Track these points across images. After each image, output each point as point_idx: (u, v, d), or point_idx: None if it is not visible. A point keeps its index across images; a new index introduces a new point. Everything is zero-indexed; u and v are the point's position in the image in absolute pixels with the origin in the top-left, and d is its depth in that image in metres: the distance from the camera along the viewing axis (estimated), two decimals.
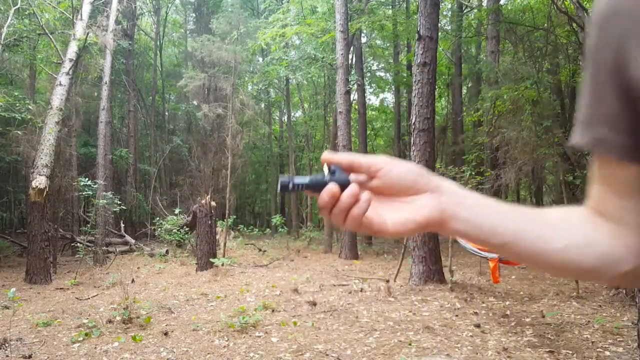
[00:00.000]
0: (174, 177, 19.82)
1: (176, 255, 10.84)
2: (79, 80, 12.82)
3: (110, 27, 11.29)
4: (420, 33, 6.14)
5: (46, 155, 8.00)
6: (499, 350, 3.62)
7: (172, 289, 6.87)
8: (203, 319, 4.88)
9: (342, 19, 10.34)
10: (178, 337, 4.26)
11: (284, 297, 5.87)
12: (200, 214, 8.77)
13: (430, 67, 6.20)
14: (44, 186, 7.83)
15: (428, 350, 3.66)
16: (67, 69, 8.67)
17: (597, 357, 3.44)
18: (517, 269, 7.59)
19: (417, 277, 6.32)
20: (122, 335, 4.33)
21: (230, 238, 12.30)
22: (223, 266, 8.20)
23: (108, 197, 10.47)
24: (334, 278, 7.43)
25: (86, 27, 9.38)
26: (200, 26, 19.78)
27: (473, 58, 14.85)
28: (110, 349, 3.96)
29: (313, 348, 3.79)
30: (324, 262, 9.81)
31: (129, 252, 11.72)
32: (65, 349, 3.99)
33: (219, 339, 4.13)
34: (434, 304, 5.22)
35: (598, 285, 6.01)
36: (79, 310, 5.52)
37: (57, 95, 8.45)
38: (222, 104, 14.81)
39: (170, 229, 11.31)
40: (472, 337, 3.98)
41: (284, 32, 12.28)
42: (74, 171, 12.74)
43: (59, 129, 8.55)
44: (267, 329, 4.39)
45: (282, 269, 8.79)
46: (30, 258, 7.77)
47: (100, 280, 7.81)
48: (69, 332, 4.51)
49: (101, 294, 6.68)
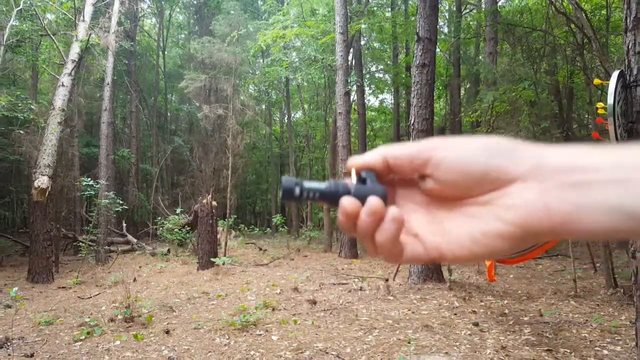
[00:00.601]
0: (175, 177, 19.88)
1: (178, 255, 10.89)
2: (81, 81, 12.88)
3: (112, 29, 11.34)
4: (420, 34, 6.18)
5: (48, 156, 8.05)
6: (497, 348, 3.63)
7: (174, 287, 6.90)
8: (204, 317, 4.91)
9: (342, 20, 10.39)
10: (179, 335, 4.29)
11: (284, 296, 5.91)
12: (202, 214, 8.82)
13: (429, 68, 6.24)
14: (47, 186, 7.87)
15: (427, 349, 3.68)
16: (70, 69, 8.72)
17: (595, 355, 3.45)
18: (515, 268, 7.61)
19: (416, 276, 6.36)
20: (123, 333, 4.36)
21: (231, 237, 12.35)
22: (224, 265, 8.24)
23: (110, 197, 10.52)
24: (334, 277, 7.46)
25: (88, 29, 9.44)
26: (202, 28, 19.83)
27: (471, 59, 14.86)
28: (112, 347, 3.99)
29: (313, 346, 3.82)
30: (324, 261, 9.84)
31: (131, 251, 11.77)
32: (67, 348, 4.02)
33: (220, 337, 4.16)
34: (433, 303, 5.25)
35: (596, 284, 6.04)
36: (81, 309, 5.55)
37: (60, 96, 8.51)
38: (222, 104, 14.87)
39: (172, 228, 11.35)
40: (471, 336, 3.99)
41: (284, 33, 12.33)
42: (76, 171, 12.79)
43: (62, 130, 8.60)
44: (268, 327, 4.42)
45: (282, 268, 8.83)
46: (33, 257, 7.81)
47: (102, 279, 7.85)
48: (71, 330, 4.54)
49: (103, 292, 6.72)
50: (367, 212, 0.31)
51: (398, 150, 0.33)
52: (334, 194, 0.33)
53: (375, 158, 0.33)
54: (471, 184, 0.30)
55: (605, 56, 6.37)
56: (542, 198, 0.28)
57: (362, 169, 0.34)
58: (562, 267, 7.76)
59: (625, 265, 6.71)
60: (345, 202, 0.32)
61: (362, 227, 0.31)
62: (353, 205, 0.31)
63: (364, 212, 0.31)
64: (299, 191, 0.33)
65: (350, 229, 0.32)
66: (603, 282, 5.84)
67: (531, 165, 0.29)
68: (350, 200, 0.32)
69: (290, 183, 0.33)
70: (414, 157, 0.32)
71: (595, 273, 6.79)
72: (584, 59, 7.86)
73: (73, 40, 9.19)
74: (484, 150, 0.30)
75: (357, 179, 0.34)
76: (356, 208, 0.31)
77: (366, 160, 0.33)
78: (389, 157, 0.33)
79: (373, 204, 0.31)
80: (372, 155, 0.33)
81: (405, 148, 0.33)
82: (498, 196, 0.30)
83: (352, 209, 0.31)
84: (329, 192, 0.33)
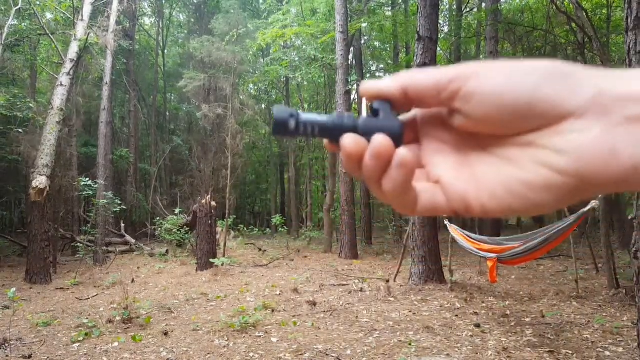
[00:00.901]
0: (174, 177, 19.84)
1: (176, 255, 10.85)
2: (80, 80, 12.84)
3: (111, 28, 11.30)
4: (420, 34, 6.15)
5: (47, 155, 8.01)
6: (498, 350, 3.61)
7: (172, 288, 6.86)
8: (203, 319, 4.88)
9: (342, 19, 10.35)
10: (178, 337, 4.26)
11: (284, 297, 5.87)
12: (201, 214, 8.78)
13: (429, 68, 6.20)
14: (45, 186, 7.83)
15: (428, 350, 3.66)
16: (68, 69, 8.68)
17: (597, 357, 3.43)
18: (517, 268, 7.58)
19: (417, 277, 6.32)
20: (122, 335, 4.33)
21: (231, 238, 12.31)
22: (223, 266, 8.20)
23: (108, 197, 10.48)
24: (334, 278, 7.43)
25: (87, 28, 9.39)
26: (201, 27, 19.80)
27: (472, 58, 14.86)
28: (110, 349, 3.96)
29: (313, 348, 3.79)
30: (324, 262, 9.80)
31: (129, 252, 11.72)
32: (65, 349, 3.99)
33: (219, 339, 4.13)
34: (434, 304, 5.22)
35: (598, 285, 6.01)
36: (79, 310, 5.52)
37: (58, 96, 8.47)
38: (222, 104, 14.83)
39: (171, 228, 11.31)
40: (472, 337, 3.97)
41: (284, 32, 12.30)
42: (75, 171, 12.75)
43: (60, 129, 8.56)
44: (267, 329, 4.39)
45: (282, 269, 8.79)
46: (31, 258, 7.77)
47: (100, 280, 7.81)
48: (69, 332, 4.51)
49: (101, 293, 6.68)
50: (371, 153, 0.25)
51: (421, 79, 0.26)
52: (337, 129, 0.27)
53: (392, 86, 0.27)
54: (510, 118, 0.24)
55: (606, 55, 6.35)
56: (607, 138, 0.22)
57: (375, 98, 0.27)
58: (564, 267, 7.73)
59: (628, 265, 6.68)
60: (347, 140, 0.26)
61: (367, 171, 0.26)
62: (357, 143, 0.26)
63: (367, 153, 0.26)
64: (294, 124, 0.27)
65: (354, 171, 0.27)
66: (605, 282, 5.81)
67: (591, 96, 0.22)
68: (354, 138, 0.26)
69: (283, 114, 0.27)
70: (440, 87, 0.26)
71: (597, 274, 6.76)
72: (585, 58, 7.83)
73: (72, 39, 9.15)
74: (534, 75, 0.23)
75: (367, 110, 0.28)
76: (361, 147, 0.26)
77: (381, 87, 0.27)
78: (408, 87, 0.26)
79: (377, 144, 0.25)
80: (388, 83, 0.27)
81: (430, 76, 0.26)
82: (545, 136, 0.23)
83: (355, 149, 0.26)
84: (331, 126, 0.27)
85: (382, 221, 16.48)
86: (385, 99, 0.27)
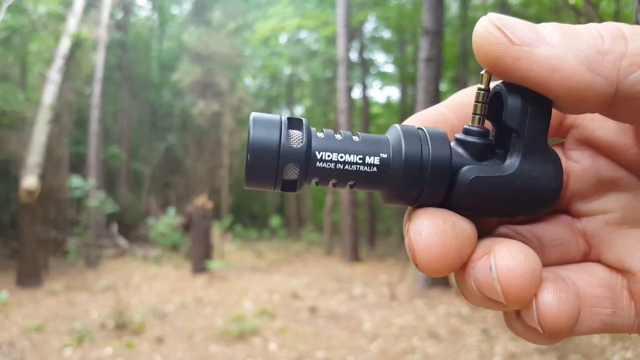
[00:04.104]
0: (168, 177, 19.62)
1: (171, 259, 10.68)
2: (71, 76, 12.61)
3: (104, 22, 11.11)
4: (425, 27, 6.05)
5: (37, 155, 7.83)
6: (505, 356, 3.59)
7: (167, 293, 6.75)
8: (199, 325, 4.78)
9: (344, 13, 10.19)
10: (173, 343, 4.16)
11: (283, 302, 5.79)
12: (196, 216, 8.62)
13: (435, 62, 6.10)
14: (35, 187, 7.65)
15: (433, 357, 3.59)
16: (59, 65, 8.50)
17: None
18: None
19: (422, 282, 6.22)
20: (115, 341, 4.24)
21: (227, 240, 12.15)
22: (219, 270, 8.07)
23: (100, 198, 10.29)
24: (335, 282, 7.33)
25: (79, 23, 9.22)
26: (197, 19, 19.61)
27: None
28: (103, 355, 3.88)
29: (313, 355, 3.73)
30: (325, 265, 9.70)
31: (122, 254, 11.53)
32: (57, 355, 3.93)
33: (215, 345, 4.05)
34: (440, 309, 5.15)
35: None
36: (71, 315, 5.40)
37: (49, 93, 8.30)
38: (218, 100, 14.63)
39: (165, 232, 11.14)
40: (479, 343, 3.92)
41: (283, 25, 12.12)
42: (66, 170, 12.54)
43: (50, 127, 8.38)
44: (266, 335, 4.31)
45: (281, 273, 8.66)
46: (22, 261, 7.63)
47: (92, 284, 7.66)
48: (61, 337, 4.43)
49: (94, 298, 6.56)
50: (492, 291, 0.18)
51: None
52: (411, 180, 0.18)
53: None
54: None
55: None
56: None
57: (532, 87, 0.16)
58: None
59: None
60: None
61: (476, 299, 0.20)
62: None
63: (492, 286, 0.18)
64: (297, 172, 0.19)
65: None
66: None
67: None
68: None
69: (270, 142, 0.19)
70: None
71: None
72: None
73: (63, 35, 8.96)
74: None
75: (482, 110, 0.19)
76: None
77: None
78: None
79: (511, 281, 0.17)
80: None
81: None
82: None
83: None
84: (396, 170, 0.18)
85: (386, 223, 16.34)
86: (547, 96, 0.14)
